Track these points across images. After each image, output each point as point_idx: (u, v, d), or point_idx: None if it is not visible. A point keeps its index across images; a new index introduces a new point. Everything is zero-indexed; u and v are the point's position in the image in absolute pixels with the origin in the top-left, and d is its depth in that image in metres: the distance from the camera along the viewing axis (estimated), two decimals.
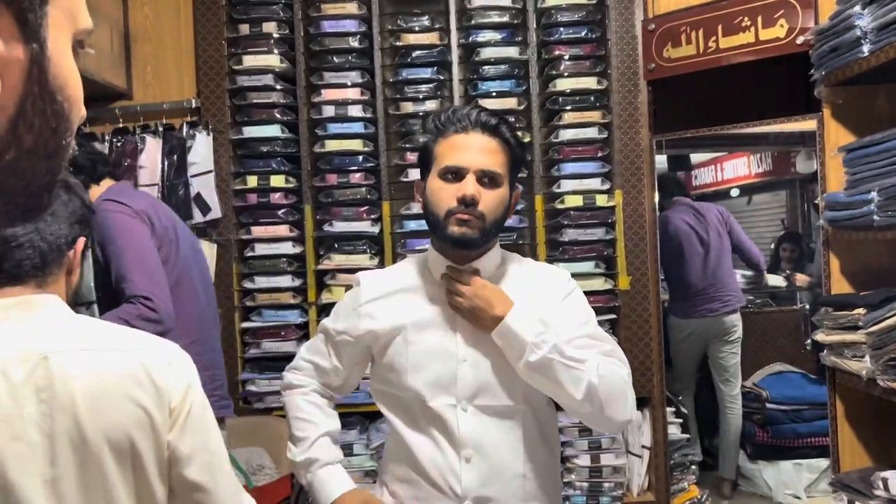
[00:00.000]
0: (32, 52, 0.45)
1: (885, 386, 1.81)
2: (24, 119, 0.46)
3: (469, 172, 1.39)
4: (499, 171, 1.41)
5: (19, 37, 0.45)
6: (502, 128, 1.43)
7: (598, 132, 2.76)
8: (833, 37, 2.02)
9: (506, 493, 1.45)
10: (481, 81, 2.79)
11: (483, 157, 1.40)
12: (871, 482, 1.86)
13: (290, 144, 2.82)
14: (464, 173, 1.39)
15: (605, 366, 1.40)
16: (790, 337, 3.91)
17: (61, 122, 0.48)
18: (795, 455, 3.55)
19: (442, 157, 1.42)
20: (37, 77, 0.46)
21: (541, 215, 2.79)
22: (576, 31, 2.77)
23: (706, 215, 3.54)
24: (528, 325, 1.38)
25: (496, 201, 1.41)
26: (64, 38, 0.49)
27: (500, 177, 1.41)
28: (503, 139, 1.43)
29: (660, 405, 2.71)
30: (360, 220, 2.78)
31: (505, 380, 1.46)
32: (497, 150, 1.42)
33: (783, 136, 3.13)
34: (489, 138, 1.42)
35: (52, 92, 0.47)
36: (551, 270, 1.60)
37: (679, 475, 2.86)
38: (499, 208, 1.42)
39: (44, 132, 0.47)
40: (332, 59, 2.80)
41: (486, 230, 1.40)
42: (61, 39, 0.49)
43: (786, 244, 4.13)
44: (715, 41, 2.50)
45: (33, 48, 0.45)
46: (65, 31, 0.49)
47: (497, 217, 1.42)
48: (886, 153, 1.82)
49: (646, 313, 2.76)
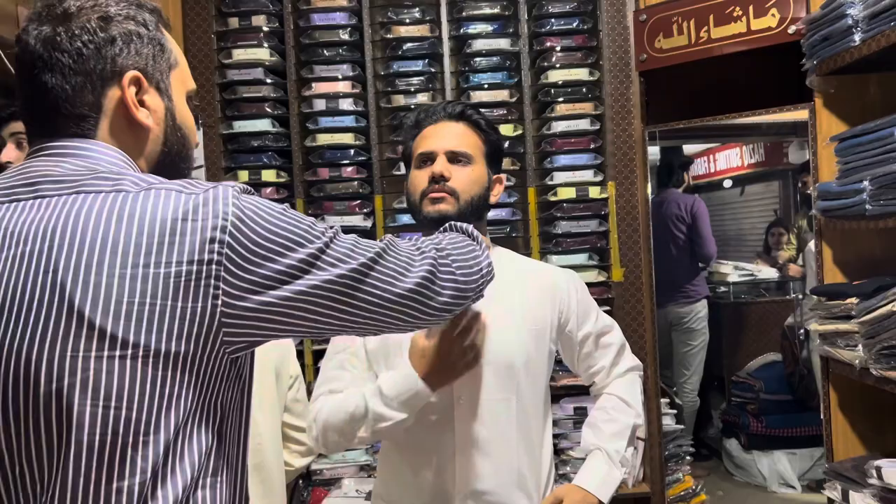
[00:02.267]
0: (167, 104, 0.94)
1: (878, 375, 1.81)
2: (167, 140, 0.95)
3: (439, 154, 1.47)
4: (467, 150, 1.48)
5: (160, 96, 0.93)
6: (467, 111, 1.51)
7: (591, 124, 2.75)
8: (824, 26, 2.01)
9: (501, 486, 1.45)
10: (473, 73, 2.78)
11: (451, 140, 1.48)
12: (864, 471, 1.87)
13: (281, 139, 2.80)
14: (434, 156, 1.47)
15: (627, 394, 1.60)
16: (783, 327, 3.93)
17: (184, 142, 0.97)
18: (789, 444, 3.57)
19: (416, 148, 1.51)
20: (171, 118, 0.95)
21: (534, 208, 2.78)
22: (567, 22, 2.76)
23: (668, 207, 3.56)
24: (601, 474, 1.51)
25: (468, 178, 1.46)
26: (180, 94, 0.97)
27: (469, 156, 1.48)
28: (471, 122, 1.51)
29: (654, 397, 2.71)
30: (352, 214, 2.77)
31: (499, 374, 1.46)
32: (465, 132, 1.50)
33: (775, 126, 3.13)
34: (456, 123, 1.51)
35: (178, 126, 0.96)
36: (553, 271, 1.62)
37: (674, 466, 2.86)
38: (472, 186, 1.47)
39: (176, 146, 0.96)
40: (323, 53, 2.78)
41: (462, 208, 1.44)
42: (180, 95, 0.96)
43: (773, 229, 4.19)
44: (707, 31, 2.49)
45: (167, 102, 0.94)
46: (181, 91, 0.97)
47: (473, 195, 1.46)
48: (878, 142, 1.82)
49: (639, 304, 2.76)
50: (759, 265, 4.07)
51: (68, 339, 0.77)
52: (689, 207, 3.56)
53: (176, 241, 0.80)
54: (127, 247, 0.79)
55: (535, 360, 1.51)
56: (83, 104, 0.88)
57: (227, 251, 0.81)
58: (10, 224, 0.82)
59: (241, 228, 0.82)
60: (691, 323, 3.53)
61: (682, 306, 3.52)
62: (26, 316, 0.78)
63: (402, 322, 0.96)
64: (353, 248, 0.90)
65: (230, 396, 0.88)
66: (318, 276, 0.86)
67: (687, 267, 3.61)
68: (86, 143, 0.88)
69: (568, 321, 1.56)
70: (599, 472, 1.51)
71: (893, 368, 1.77)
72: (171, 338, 0.79)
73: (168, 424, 0.80)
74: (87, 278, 0.78)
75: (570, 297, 1.57)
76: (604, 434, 1.55)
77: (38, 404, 0.78)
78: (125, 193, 0.82)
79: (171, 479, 0.81)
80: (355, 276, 0.89)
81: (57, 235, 0.80)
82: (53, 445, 0.77)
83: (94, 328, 0.77)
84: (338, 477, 2.63)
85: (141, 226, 0.80)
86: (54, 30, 0.87)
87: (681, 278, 3.57)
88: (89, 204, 0.81)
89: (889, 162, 1.76)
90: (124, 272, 0.78)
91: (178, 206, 0.81)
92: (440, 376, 1.35)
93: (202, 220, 0.81)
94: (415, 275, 0.95)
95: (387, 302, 0.92)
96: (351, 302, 0.90)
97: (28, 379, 0.78)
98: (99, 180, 0.84)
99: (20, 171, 0.87)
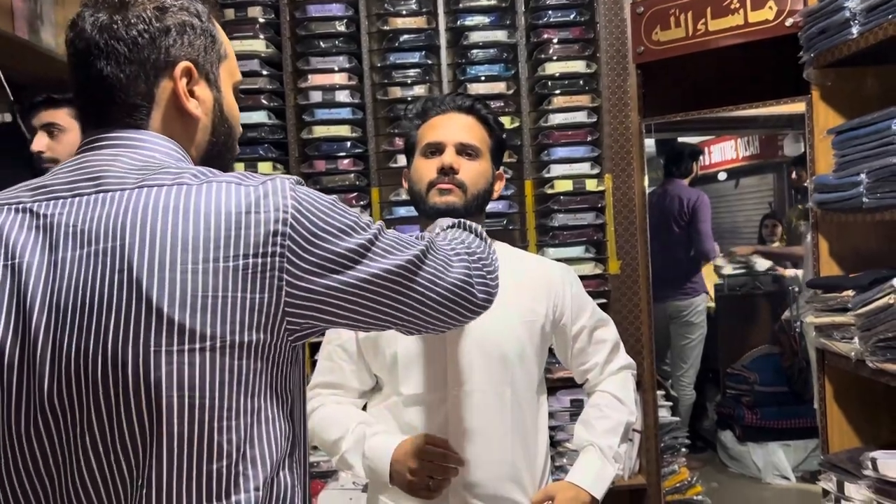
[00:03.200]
0: (216, 95, 0.96)
1: (873, 367, 1.82)
2: (215, 130, 0.97)
3: (448, 146, 1.46)
4: (477, 144, 1.49)
5: (209, 87, 0.95)
6: (477, 106, 1.52)
7: (588, 116, 2.75)
8: (822, 18, 2.01)
9: (494, 478, 1.46)
10: (470, 66, 2.77)
11: (461, 132, 1.48)
12: (859, 462, 1.88)
13: (277, 131, 2.79)
14: (443, 147, 1.47)
15: (621, 391, 1.59)
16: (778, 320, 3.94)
17: (231, 133, 1.00)
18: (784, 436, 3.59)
19: (423, 137, 1.50)
20: (219, 109, 0.97)
21: (530, 200, 2.78)
22: (564, 14, 2.75)
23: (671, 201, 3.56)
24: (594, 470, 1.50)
25: (476, 172, 1.47)
26: (228, 86, 0.99)
27: (478, 150, 1.49)
28: (479, 117, 1.52)
29: (650, 389, 2.72)
30: (348, 206, 2.75)
31: (492, 365, 1.46)
32: (474, 126, 1.50)
33: (772, 119, 3.13)
34: (466, 116, 1.51)
35: (225, 117, 0.98)
36: (549, 264, 1.63)
37: (669, 457, 2.87)
38: (479, 180, 1.48)
39: (223, 136, 0.98)
40: (319, 44, 2.77)
41: (469, 201, 1.45)
42: (227, 86, 0.99)
43: (767, 221, 4.21)
44: (704, 24, 2.49)
45: (216, 93, 0.96)
46: (228, 82, 0.99)
47: (479, 189, 1.47)
48: (875, 135, 1.82)
49: (636, 297, 2.77)
50: (756, 257, 4.08)
51: (150, 334, 0.80)
52: (691, 203, 3.56)
53: (242, 234, 0.83)
54: (196, 242, 0.81)
55: (529, 353, 1.51)
56: (136, 94, 0.89)
57: (289, 242, 0.84)
58: (78, 221, 0.84)
59: (300, 219, 0.85)
60: (690, 316, 3.54)
61: (682, 300, 3.53)
62: (107, 316, 0.81)
63: (447, 318, 0.99)
64: (399, 241, 0.94)
65: (295, 381, 0.92)
66: (372, 264, 0.89)
67: (687, 262, 3.61)
68: (140, 133, 0.90)
69: (563, 315, 1.56)
70: (592, 469, 1.50)
71: (889, 360, 1.77)
72: (244, 328, 0.83)
73: (247, 409, 0.84)
74: (162, 275, 0.80)
75: (565, 291, 1.57)
76: (596, 430, 1.54)
77: (129, 398, 0.81)
78: (188, 187, 0.84)
79: (259, 462, 0.85)
80: (409, 268, 0.92)
81: (127, 232, 0.81)
82: (147, 434, 0.81)
83: (173, 323, 0.80)
84: (334, 469, 2.63)
85: (207, 220, 0.82)
86: (111, 17, 0.88)
87: (681, 273, 3.58)
88: (154, 198, 0.83)
89: (886, 155, 1.77)
90: (196, 267, 0.81)
91: (240, 200, 0.84)
92: (399, 477, 1.40)
93: (264, 212, 0.84)
94: (456, 271, 0.98)
95: (437, 296, 0.95)
96: (406, 293, 0.92)
97: (117, 376, 0.81)
98: (160, 174, 0.85)
99: (79, 164, 0.88)
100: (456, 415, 1.44)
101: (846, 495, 1.91)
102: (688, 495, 2.89)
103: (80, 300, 0.81)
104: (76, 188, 0.86)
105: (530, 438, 1.52)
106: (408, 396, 1.47)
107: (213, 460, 0.82)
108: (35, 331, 0.82)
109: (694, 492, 2.90)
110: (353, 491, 2.52)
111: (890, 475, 1.77)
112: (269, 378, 0.86)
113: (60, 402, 0.82)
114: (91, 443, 0.82)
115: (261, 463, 0.85)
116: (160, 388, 0.80)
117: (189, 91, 0.92)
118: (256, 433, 0.85)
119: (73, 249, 0.83)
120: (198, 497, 0.82)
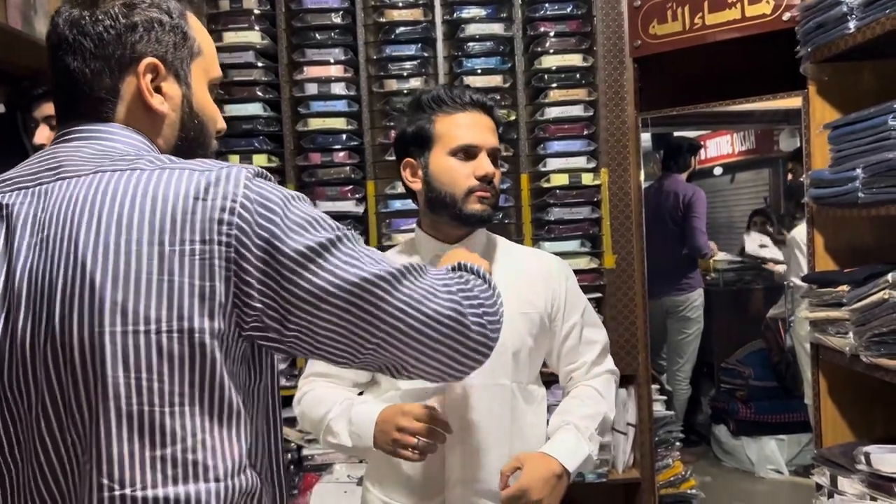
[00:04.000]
0: (185, 91, 0.96)
1: (868, 362, 1.82)
2: (184, 126, 0.97)
3: (482, 151, 1.45)
4: (501, 149, 1.52)
5: (178, 83, 0.95)
6: (493, 108, 1.51)
7: (584, 110, 2.74)
8: (819, 13, 2.01)
9: (493, 473, 1.45)
10: (466, 58, 2.76)
11: (492, 137, 1.48)
12: (853, 457, 1.88)
13: (273, 123, 2.78)
14: (476, 151, 1.45)
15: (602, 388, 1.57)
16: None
17: (202, 129, 0.99)
18: (778, 430, 3.60)
19: (449, 135, 1.45)
20: (188, 105, 0.96)
21: (526, 194, 2.77)
22: (561, 7, 2.74)
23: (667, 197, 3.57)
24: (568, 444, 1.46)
25: (499, 178, 1.51)
26: (201, 82, 0.98)
27: (500, 155, 1.53)
28: (495, 119, 1.51)
29: (645, 383, 2.72)
30: (344, 199, 2.75)
31: (492, 359, 1.45)
32: (494, 128, 1.50)
33: (768, 113, 3.13)
34: (487, 117, 1.49)
35: (196, 113, 0.98)
36: (546, 257, 1.62)
37: (664, 451, 2.88)
38: (499, 185, 1.52)
39: (192, 132, 0.97)
40: (315, 36, 2.75)
41: (495, 208, 1.49)
42: (200, 83, 0.98)
43: (756, 217, 4.23)
44: (701, 18, 2.48)
45: (185, 89, 0.96)
46: (202, 79, 0.99)
47: (499, 195, 1.52)
48: (871, 130, 1.82)
49: (631, 291, 2.76)
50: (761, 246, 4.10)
51: (93, 315, 0.81)
52: (686, 198, 3.57)
53: (188, 219, 0.82)
54: (141, 224, 0.81)
55: (527, 346, 1.51)
56: (101, 88, 0.91)
57: (237, 232, 0.83)
58: (37, 209, 0.85)
59: (250, 210, 0.83)
60: (686, 311, 3.55)
61: (678, 295, 3.54)
62: (55, 299, 0.81)
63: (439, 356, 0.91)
64: (371, 253, 0.89)
65: (265, 384, 0.92)
66: (334, 270, 0.84)
67: (683, 257, 3.62)
68: (107, 126, 0.91)
69: (558, 310, 1.56)
70: (567, 443, 1.46)
71: (884, 355, 1.78)
72: (194, 315, 0.82)
73: (204, 398, 0.83)
74: (107, 257, 0.81)
75: (561, 286, 1.57)
76: (574, 414, 1.52)
77: (77, 379, 0.82)
78: (140, 171, 0.85)
79: (219, 454, 0.84)
80: (379, 285, 0.86)
81: (76, 216, 0.82)
82: (94, 413, 0.82)
83: (116, 304, 0.81)
84: (329, 462, 2.63)
85: (154, 204, 0.82)
86: (81, 13, 0.90)
87: (677, 268, 3.59)
88: (105, 182, 0.84)
89: (882, 150, 1.77)
90: (140, 249, 0.81)
91: (190, 185, 0.83)
92: (383, 437, 1.37)
93: (212, 199, 0.83)
94: (442, 302, 0.90)
95: (419, 324, 0.88)
96: (377, 314, 0.86)
97: (66, 357, 0.82)
98: (117, 161, 0.86)
99: (45, 156, 0.90)
100: (454, 409, 1.44)
101: (839, 489, 1.91)
102: (682, 489, 2.90)
103: (31, 286, 0.83)
104: (39, 178, 0.87)
105: (529, 433, 1.51)
106: (406, 391, 1.46)
107: (165, 444, 0.82)
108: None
109: (688, 485, 2.91)
110: (348, 484, 2.52)
111: (883, 470, 1.78)
112: (230, 372, 0.85)
113: (18, 386, 0.84)
114: (46, 425, 0.83)
115: (221, 455, 0.84)
116: (105, 368, 0.81)
117: (156, 87, 0.93)
118: (217, 424, 0.84)
119: (30, 237, 0.84)
120: (152, 479, 0.81)
